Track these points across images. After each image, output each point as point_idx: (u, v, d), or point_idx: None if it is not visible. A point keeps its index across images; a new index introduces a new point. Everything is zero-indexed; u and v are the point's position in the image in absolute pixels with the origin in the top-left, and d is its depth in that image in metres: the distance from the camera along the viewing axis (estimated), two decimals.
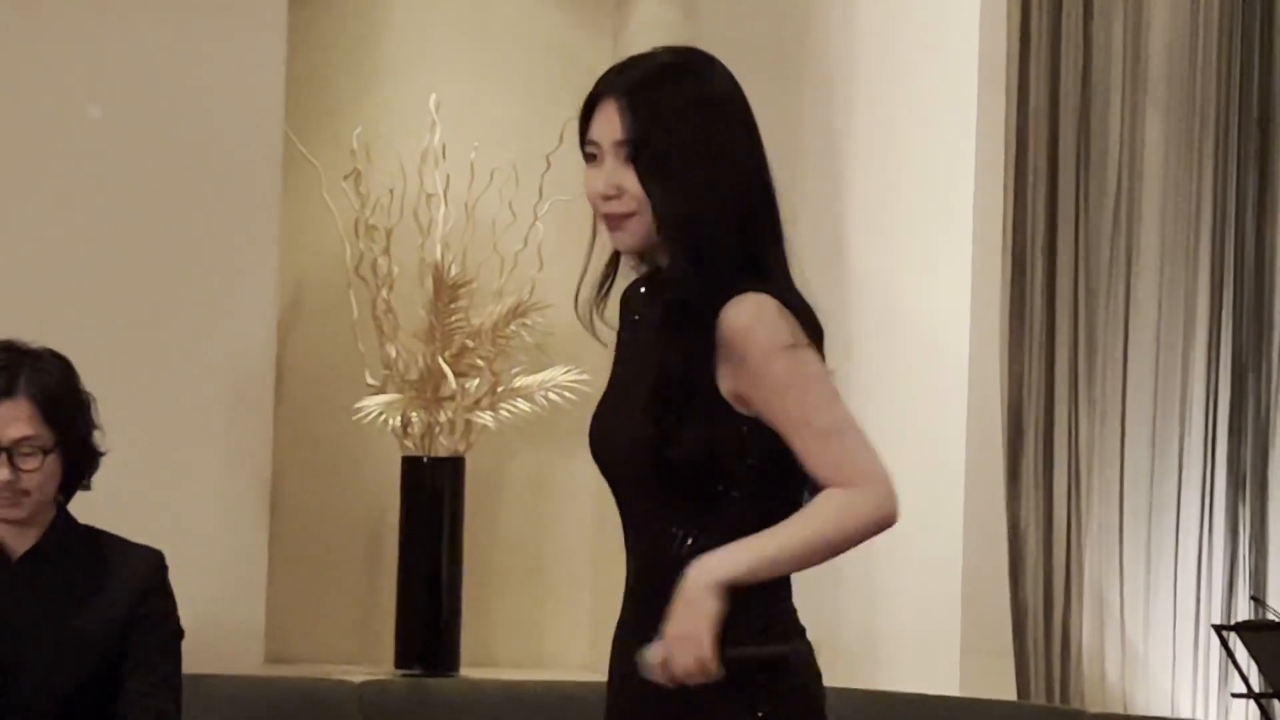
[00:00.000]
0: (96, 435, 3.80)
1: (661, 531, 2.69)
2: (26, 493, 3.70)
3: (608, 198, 2.72)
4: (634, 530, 2.75)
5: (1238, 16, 5.46)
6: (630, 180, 2.71)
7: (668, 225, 2.69)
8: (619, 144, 2.71)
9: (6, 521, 3.73)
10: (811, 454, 2.62)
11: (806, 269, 2.74)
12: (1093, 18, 5.43)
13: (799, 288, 2.71)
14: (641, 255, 2.79)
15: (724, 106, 2.73)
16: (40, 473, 3.70)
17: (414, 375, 5.97)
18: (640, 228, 2.72)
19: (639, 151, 2.69)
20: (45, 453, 3.70)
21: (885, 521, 2.61)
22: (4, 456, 3.68)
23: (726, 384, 2.66)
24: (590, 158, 2.75)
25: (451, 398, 5.94)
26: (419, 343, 6.00)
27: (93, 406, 3.80)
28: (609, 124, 2.72)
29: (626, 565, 2.77)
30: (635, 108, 2.70)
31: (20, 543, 3.76)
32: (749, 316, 2.63)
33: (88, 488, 3.83)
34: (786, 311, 2.65)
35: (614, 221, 2.73)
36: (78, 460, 3.77)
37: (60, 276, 5.27)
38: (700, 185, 2.68)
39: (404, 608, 5.89)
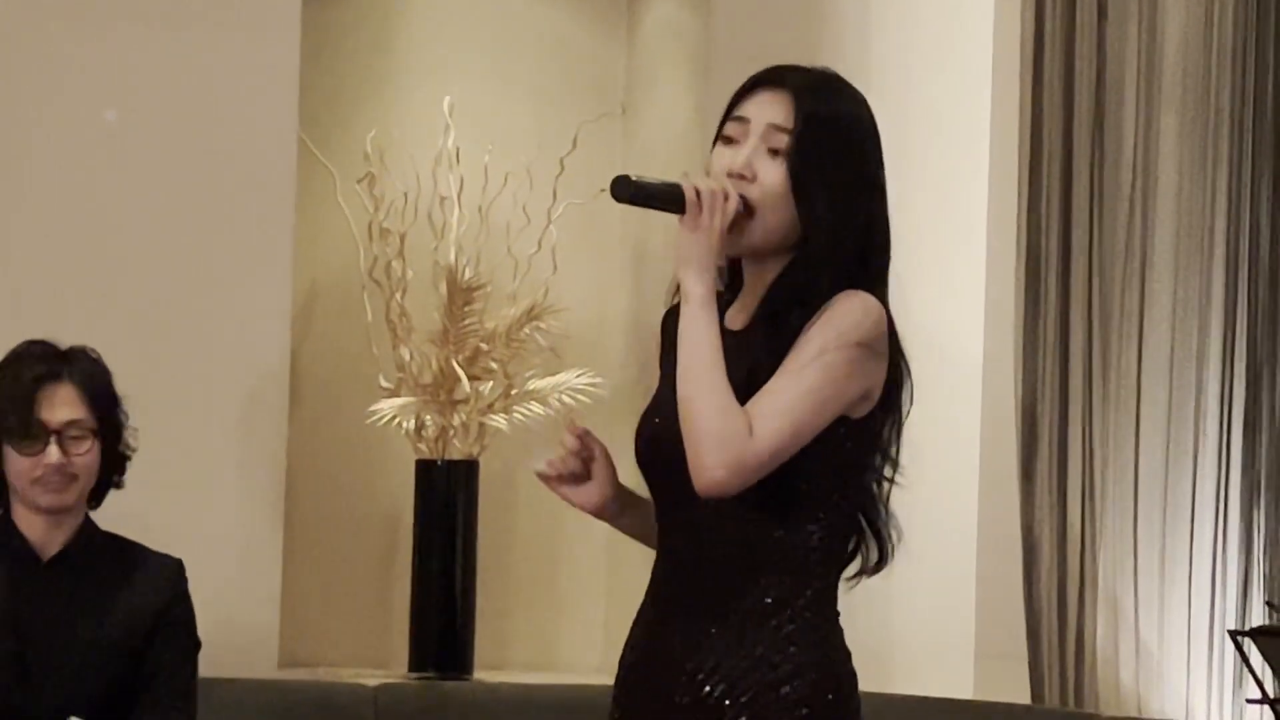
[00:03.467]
0: (127, 433, 3.83)
1: (751, 533, 2.66)
2: (75, 477, 3.73)
3: (738, 176, 2.66)
4: (696, 535, 2.69)
5: (1252, 18, 5.45)
6: (771, 174, 2.66)
7: (816, 234, 2.64)
8: (776, 129, 2.66)
9: (52, 511, 3.75)
10: (767, 392, 2.60)
11: None
12: (1107, 19, 5.42)
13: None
14: (734, 260, 2.74)
15: (876, 137, 2.72)
16: (89, 456, 3.73)
17: (428, 379, 5.97)
18: (758, 228, 2.67)
19: (806, 153, 2.65)
20: (94, 435, 3.73)
21: (707, 464, 2.57)
22: (54, 438, 3.70)
23: None
24: (727, 140, 2.70)
25: (465, 401, 5.95)
26: (433, 346, 6.00)
27: (122, 405, 3.83)
28: (772, 107, 2.67)
29: (669, 573, 2.72)
30: (811, 111, 2.66)
31: (50, 545, 3.78)
32: (856, 301, 2.63)
33: (120, 486, 3.85)
34: (885, 320, 2.65)
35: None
36: (111, 456, 3.79)
37: (74, 280, 5.28)
38: (846, 200, 2.66)
39: (418, 611, 5.89)
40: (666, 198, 2.64)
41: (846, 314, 2.62)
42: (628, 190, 2.64)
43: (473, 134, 6.09)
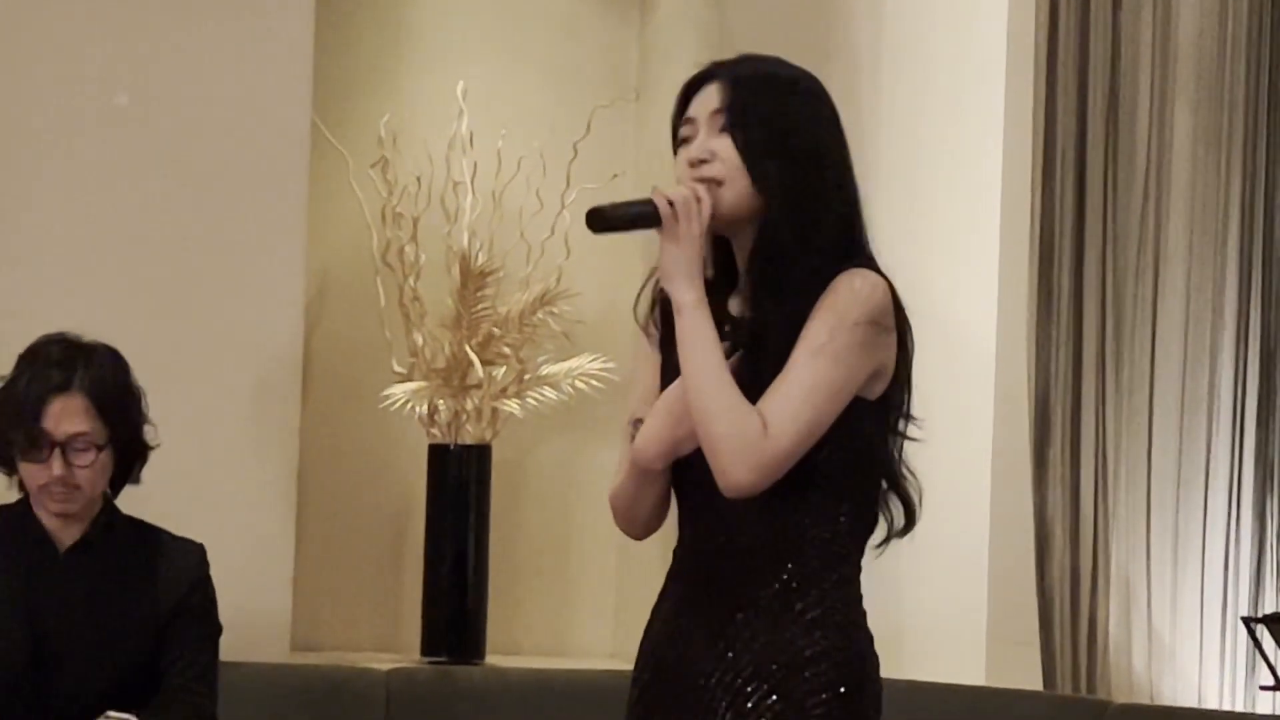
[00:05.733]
0: (147, 430, 3.82)
1: (783, 519, 2.68)
2: (78, 488, 3.72)
3: (699, 162, 2.70)
4: (721, 523, 2.70)
5: (1267, 6, 5.44)
6: (724, 147, 2.70)
7: (771, 190, 2.67)
8: (716, 113, 2.71)
9: (57, 516, 3.75)
10: (780, 386, 2.62)
11: None
12: (1121, 7, 5.41)
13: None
14: (717, 235, 2.75)
15: (822, 99, 2.77)
16: (93, 469, 3.72)
17: (441, 363, 5.98)
18: (728, 198, 2.69)
19: (740, 117, 2.69)
20: (99, 449, 3.72)
21: (728, 469, 2.60)
22: (58, 451, 3.69)
23: None
24: (684, 143, 2.74)
25: (478, 386, 5.95)
26: (446, 331, 6.00)
27: (143, 400, 3.81)
28: (710, 97, 2.73)
29: (693, 559, 2.73)
30: (736, 82, 2.72)
31: (68, 534, 3.78)
32: (856, 279, 2.65)
33: (137, 481, 3.85)
34: (890, 293, 2.66)
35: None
36: (128, 455, 3.79)
37: (87, 265, 5.28)
38: (806, 157, 2.70)
39: (430, 596, 5.89)
40: (642, 217, 2.67)
41: (847, 294, 2.64)
42: (602, 222, 2.68)
43: (486, 118, 6.08)
